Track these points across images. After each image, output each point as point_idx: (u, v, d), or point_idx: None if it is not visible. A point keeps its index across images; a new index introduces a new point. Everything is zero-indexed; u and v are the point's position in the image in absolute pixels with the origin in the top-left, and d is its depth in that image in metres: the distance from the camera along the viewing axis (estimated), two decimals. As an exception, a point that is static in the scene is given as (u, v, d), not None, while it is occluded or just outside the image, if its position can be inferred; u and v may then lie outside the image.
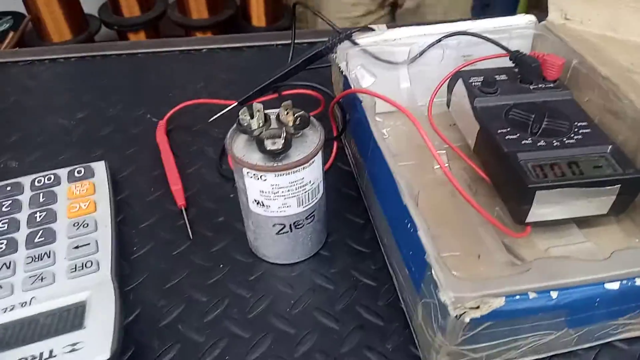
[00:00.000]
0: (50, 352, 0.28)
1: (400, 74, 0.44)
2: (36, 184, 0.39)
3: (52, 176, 0.40)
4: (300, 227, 0.34)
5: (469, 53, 0.46)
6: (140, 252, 0.37)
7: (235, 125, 0.33)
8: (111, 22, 1.79)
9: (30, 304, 0.31)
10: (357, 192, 0.42)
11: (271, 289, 0.35)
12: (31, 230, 0.36)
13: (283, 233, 0.34)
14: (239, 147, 0.33)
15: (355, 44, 0.43)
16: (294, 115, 0.32)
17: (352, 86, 0.39)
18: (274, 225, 0.34)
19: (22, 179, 0.40)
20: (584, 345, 0.31)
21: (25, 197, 0.38)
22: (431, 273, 0.27)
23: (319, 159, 0.33)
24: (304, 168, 0.32)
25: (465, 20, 0.46)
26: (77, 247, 0.34)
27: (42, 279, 0.32)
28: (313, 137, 0.33)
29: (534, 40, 0.47)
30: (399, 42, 0.44)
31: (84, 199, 0.38)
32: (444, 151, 0.40)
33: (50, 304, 0.31)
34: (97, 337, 0.28)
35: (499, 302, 0.25)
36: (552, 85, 0.41)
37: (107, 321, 0.29)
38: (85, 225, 0.36)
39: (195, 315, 0.34)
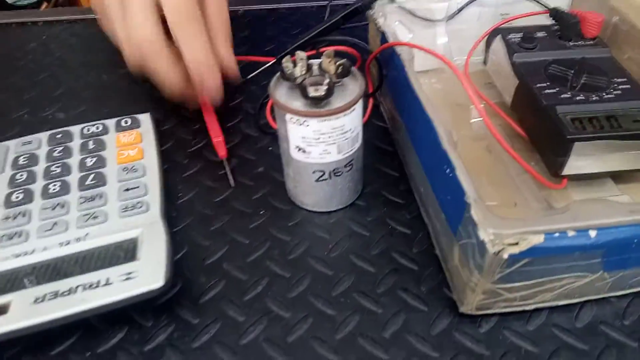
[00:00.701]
0: (107, 279, 0.30)
1: (438, 31, 0.45)
2: (85, 132, 0.41)
3: (101, 125, 0.42)
4: (339, 175, 0.36)
5: (506, 11, 0.46)
6: (185, 198, 0.39)
7: (278, 73, 0.34)
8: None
9: (85, 239, 0.33)
10: (392, 147, 0.43)
11: (309, 234, 0.36)
12: (82, 174, 0.38)
13: (322, 180, 0.36)
14: (282, 95, 0.34)
15: (392, 0, 0.44)
16: (335, 63, 0.33)
17: (390, 41, 0.40)
18: (313, 172, 0.35)
19: (71, 128, 0.42)
20: (617, 292, 0.32)
21: (75, 144, 0.40)
22: (469, 214, 0.28)
23: (359, 107, 0.34)
24: (345, 115, 0.33)
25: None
26: (127, 190, 0.36)
27: (95, 217, 0.34)
28: (354, 86, 0.34)
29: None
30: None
31: (132, 147, 0.39)
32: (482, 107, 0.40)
33: (104, 240, 0.33)
34: (151, 268, 0.30)
35: (537, 239, 0.26)
36: (591, 42, 0.41)
37: (159, 254, 0.31)
38: (134, 170, 0.37)
39: (238, 256, 0.35)
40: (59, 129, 0.41)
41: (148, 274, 0.30)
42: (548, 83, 0.37)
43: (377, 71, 0.42)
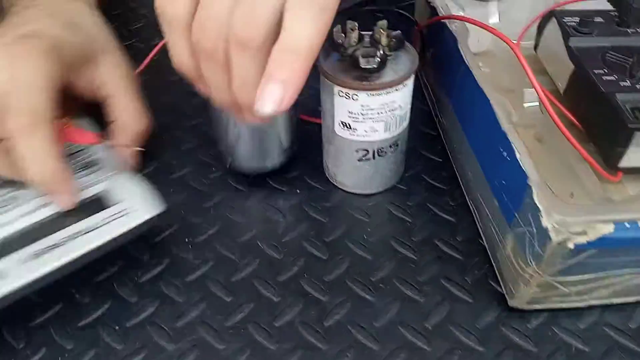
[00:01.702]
0: (104, 219, 0.30)
1: (490, 10, 0.42)
2: None
3: None
4: (383, 155, 0.34)
5: (562, -4, 0.44)
6: (215, 174, 0.38)
7: (328, 43, 0.32)
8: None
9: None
10: (435, 130, 0.41)
11: (348, 216, 0.35)
12: None
13: (365, 160, 0.34)
14: (330, 66, 0.32)
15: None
16: (388, 35, 0.31)
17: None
18: (357, 151, 0.33)
19: None
20: (677, 293, 0.30)
21: None
22: (530, 199, 0.26)
23: (411, 83, 0.32)
24: (396, 90, 0.31)
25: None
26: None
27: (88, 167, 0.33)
28: (406, 60, 0.32)
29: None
30: (489, -22, 0.42)
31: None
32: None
33: (89, 192, 0.32)
34: (141, 202, 0.31)
35: (607, 229, 0.24)
36: (652, 30, 0.38)
37: (142, 188, 0.32)
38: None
39: (273, 235, 0.34)
40: None
41: (141, 206, 0.30)
42: (606, 70, 0.35)
43: (419, 48, 0.40)
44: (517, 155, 0.27)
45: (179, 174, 0.38)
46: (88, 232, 0.29)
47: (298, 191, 0.36)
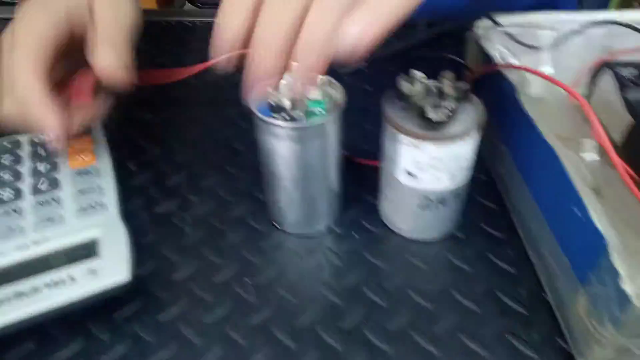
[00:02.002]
0: (71, 277, 0.30)
1: (543, 58, 0.43)
2: (35, 140, 0.40)
3: None
4: (446, 204, 0.34)
5: (611, 44, 0.44)
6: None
7: (392, 91, 0.33)
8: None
9: (43, 242, 0.33)
10: (488, 175, 0.41)
11: (406, 263, 0.35)
12: (36, 179, 0.37)
13: (426, 208, 0.34)
14: (395, 113, 0.32)
15: (496, 23, 0.42)
16: (455, 86, 0.32)
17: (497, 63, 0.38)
18: (419, 199, 0.33)
19: (19, 136, 0.41)
20: None
21: (25, 152, 0.39)
22: (608, 261, 0.25)
23: (477, 134, 0.32)
24: (464, 141, 0.31)
25: (607, 9, 0.43)
26: (82, 192, 0.36)
27: (52, 220, 0.34)
28: (471, 111, 0.32)
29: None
30: (542, 25, 0.43)
31: (84, 153, 0.39)
32: (594, 142, 0.38)
33: (63, 241, 0.33)
34: (114, 263, 0.31)
35: (694, 295, 0.23)
36: None
37: (121, 250, 0.32)
38: (88, 174, 0.37)
39: (332, 278, 0.33)
40: (6, 137, 0.40)
41: (112, 268, 0.30)
42: (668, 125, 0.35)
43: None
44: (593, 217, 0.27)
45: (235, 214, 0.38)
46: (57, 285, 0.30)
47: (355, 235, 0.36)
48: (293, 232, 0.37)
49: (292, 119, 0.31)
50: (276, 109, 0.31)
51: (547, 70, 0.43)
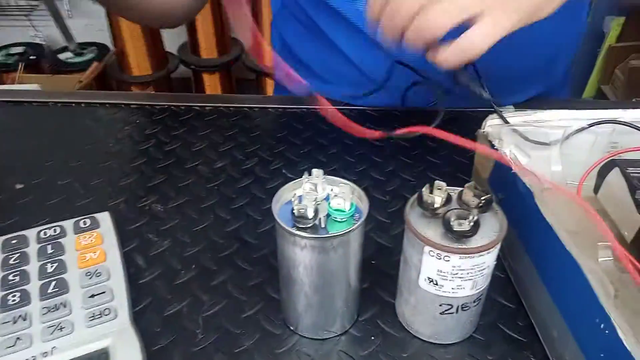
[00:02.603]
0: None
1: (552, 155, 0.44)
2: (41, 236, 0.40)
3: (58, 228, 0.40)
4: (466, 310, 0.34)
5: (617, 140, 0.45)
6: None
7: (413, 199, 0.33)
8: (189, 61, 1.87)
9: (52, 353, 0.31)
10: (504, 272, 0.41)
11: (427, 369, 0.34)
12: (43, 281, 0.36)
13: (447, 314, 0.34)
14: (417, 221, 0.32)
15: (506, 121, 0.43)
16: (477, 196, 0.32)
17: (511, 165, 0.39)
18: (440, 305, 0.33)
19: (26, 232, 0.40)
20: None
21: (32, 250, 0.38)
22: (641, 384, 0.25)
23: (500, 244, 0.32)
24: (488, 252, 0.31)
25: (616, 108, 0.45)
26: (92, 296, 0.35)
27: (61, 329, 0.33)
28: (494, 221, 0.33)
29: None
30: (551, 123, 0.44)
31: (93, 249, 0.38)
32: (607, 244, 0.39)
33: (72, 353, 0.31)
34: None
35: None
36: None
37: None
38: (98, 275, 0.36)
39: (355, 390, 0.33)
40: (13, 234, 0.40)
41: None
42: (679, 227, 0.36)
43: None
44: (621, 335, 0.27)
45: (248, 314, 0.37)
46: None
47: (372, 338, 0.36)
48: (309, 335, 0.36)
49: (314, 227, 0.31)
50: (299, 218, 0.31)
51: (556, 168, 0.44)
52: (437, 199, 0.32)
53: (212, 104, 0.62)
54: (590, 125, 0.44)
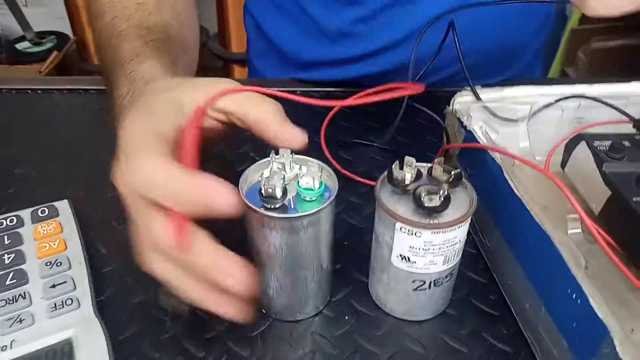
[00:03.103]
0: None
1: (520, 132, 0.44)
2: None
3: (15, 218, 0.38)
4: (439, 285, 0.33)
5: (583, 115, 0.46)
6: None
7: (383, 176, 0.33)
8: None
9: (11, 347, 0.30)
10: (475, 248, 0.41)
11: (402, 347, 0.34)
12: (0, 273, 0.34)
13: (420, 290, 0.33)
14: (387, 199, 0.32)
15: (478, 97, 0.43)
16: (447, 171, 0.32)
17: (480, 142, 0.39)
18: (413, 282, 0.33)
19: None
20: None
21: None
22: (612, 349, 0.26)
23: (470, 218, 0.32)
24: (459, 227, 0.31)
25: (582, 83, 0.45)
26: (53, 286, 0.33)
27: (20, 321, 0.31)
28: (463, 195, 0.32)
29: (645, 107, 0.46)
30: (518, 100, 0.44)
31: (53, 239, 0.37)
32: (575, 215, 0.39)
33: (34, 345, 0.30)
34: None
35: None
36: (677, 155, 0.40)
37: (100, 353, 0.29)
38: (58, 264, 0.35)
39: (329, 370, 0.32)
40: None
41: None
42: (644, 197, 0.36)
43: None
44: (593, 304, 0.27)
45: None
46: None
47: (346, 318, 0.35)
48: (282, 318, 0.35)
49: (283, 207, 0.31)
50: (267, 197, 0.30)
51: (524, 144, 0.44)
52: (407, 175, 0.32)
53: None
54: (557, 100, 0.44)
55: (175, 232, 0.26)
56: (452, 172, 0.32)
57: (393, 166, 0.32)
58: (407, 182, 0.32)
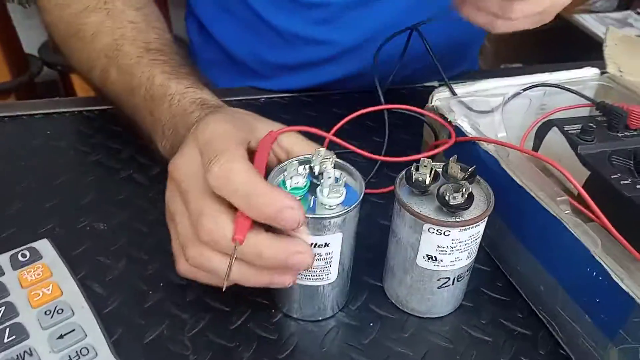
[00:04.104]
0: None
1: (496, 122, 0.46)
2: None
3: None
4: (461, 280, 0.34)
5: (545, 102, 0.49)
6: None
7: (400, 179, 0.33)
8: (54, 62, 1.69)
9: None
10: (472, 239, 0.42)
11: (431, 345, 0.34)
12: None
13: (444, 287, 0.34)
14: (412, 201, 0.32)
15: (454, 93, 0.45)
16: (463, 169, 0.33)
17: (467, 135, 0.41)
18: (438, 280, 0.34)
19: None
20: None
21: None
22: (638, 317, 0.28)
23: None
24: (483, 222, 0.32)
25: (542, 72, 0.48)
26: (61, 337, 0.30)
27: None
28: (477, 189, 0.33)
29: (597, 90, 0.51)
30: (490, 92, 0.46)
31: (44, 284, 0.33)
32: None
33: None
34: None
35: None
36: (635, 132, 0.44)
37: None
38: (59, 312, 0.32)
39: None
40: None
41: None
42: (619, 174, 0.39)
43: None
44: (616, 279, 0.29)
45: (237, 324, 0.35)
46: None
47: (371, 324, 0.35)
48: (303, 318, 0.35)
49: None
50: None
51: (501, 134, 0.46)
52: (427, 176, 0.32)
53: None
54: (525, 89, 0.47)
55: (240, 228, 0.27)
56: (469, 169, 0.33)
57: (412, 168, 0.32)
58: (427, 182, 0.32)
